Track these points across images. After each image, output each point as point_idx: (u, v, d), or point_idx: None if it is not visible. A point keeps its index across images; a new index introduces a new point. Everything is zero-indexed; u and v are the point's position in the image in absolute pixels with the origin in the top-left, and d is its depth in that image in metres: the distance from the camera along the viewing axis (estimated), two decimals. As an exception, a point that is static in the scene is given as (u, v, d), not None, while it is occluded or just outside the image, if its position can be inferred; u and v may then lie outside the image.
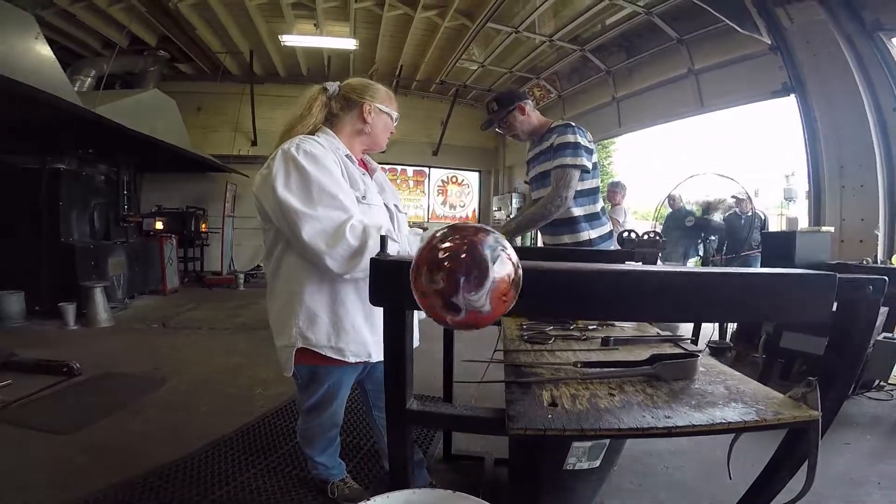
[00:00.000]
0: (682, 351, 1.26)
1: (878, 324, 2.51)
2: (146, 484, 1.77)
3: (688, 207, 5.15)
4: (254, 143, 8.01)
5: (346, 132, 1.36)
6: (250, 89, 7.52)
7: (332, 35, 6.13)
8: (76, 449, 2.05)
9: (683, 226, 4.25)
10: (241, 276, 7.28)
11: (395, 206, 1.45)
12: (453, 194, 9.90)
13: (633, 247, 1.96)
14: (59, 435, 2.18)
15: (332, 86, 1.36)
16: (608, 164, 12.13)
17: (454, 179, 9.84)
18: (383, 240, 0.77)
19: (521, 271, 0.58)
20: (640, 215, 6.23)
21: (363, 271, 1.05)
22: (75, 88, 5.08)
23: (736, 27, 4.05)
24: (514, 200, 8.71)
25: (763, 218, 5.58)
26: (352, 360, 1.23)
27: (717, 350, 3.55)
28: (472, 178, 9.99)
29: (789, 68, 3.99)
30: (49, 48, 3.76)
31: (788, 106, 4.20)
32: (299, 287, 1.20)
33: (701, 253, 3.92)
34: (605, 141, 9.72)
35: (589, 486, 1.40)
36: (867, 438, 2.21)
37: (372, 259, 0.72)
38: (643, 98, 6.10)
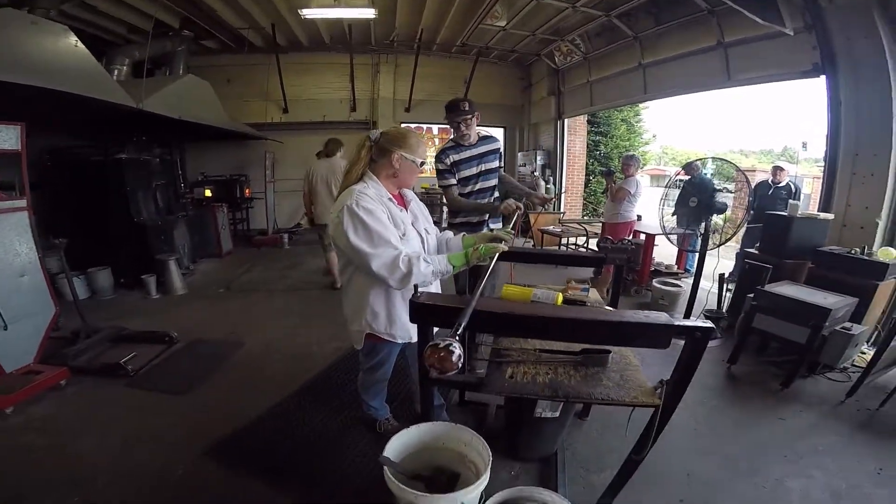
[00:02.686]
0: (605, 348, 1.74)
1: (841, 314, 2.85)
2: (248, 432, 2.43)
3: (707, 175, 5.15)
4: (285, 111, 8.32)
5: (382, 175, 1.82)
6: (276, 60, 7.71)
7: (351, 6, 6.12)
8: (191, 407, 2.70)
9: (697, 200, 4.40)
10: (286, 236, 7.89)
11: (426, 229, 1.96)
12: (478, 150, 10.04)
13: (606, 252, 2.30)
14: (178, 395, 2.83)
15: (375, 134, 1.83)
16: (637, 123, 11.75)
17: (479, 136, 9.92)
18: (416, 288, 1.44)
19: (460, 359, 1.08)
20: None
21: (409, 286, 1.63)
22: (113, 77, 5.48)
23: (757, 19, 3.97)
24: (538, 157, 8.81)
25: (794, 189, 5.56)
26: (399, 341, 1.89)
27: (712, 319, 3.95)
28: (498, 134, 10.02)
29: (823, 49, 3.88)
30: (89, 52, 4.07)
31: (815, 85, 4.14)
32: (366, 293, 1.81)
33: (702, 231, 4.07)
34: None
35: (552, 429, 2.09)
36: (801, 415, 2.60)
37: (411, 301, 1.37)
38: (670, 66, 5.94)
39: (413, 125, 9.33)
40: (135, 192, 5.35)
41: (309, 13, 6.11)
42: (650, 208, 4.99)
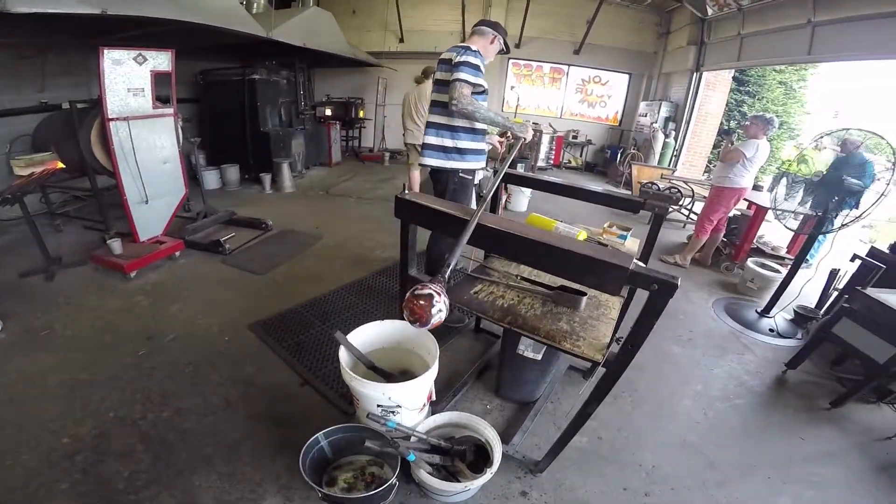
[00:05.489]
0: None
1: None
2: (301, 309, 2.97)
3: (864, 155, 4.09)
4: (401, 41, 8.53)
5: None
6: None
7: None
8: (264, 285, 3.33)
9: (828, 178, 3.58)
10: (387, 154, 8.58)
11: None
12: (594, 94, 9.13)
13: (646, 197, 2.05)
14: (257, 275, 3.48)
15: None
16: (800, 89, 9.29)
17: (597, 79, 8.97)
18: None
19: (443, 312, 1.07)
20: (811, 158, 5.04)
21: None
22: (254, 11, 6.14)
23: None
24: (663, 108, 7.74)
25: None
26: None
27: (802, 316, 3.38)
28: (620, 80, 8.95)
29: None
30: None
31: None
32: None
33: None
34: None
35: (534, 374, 2.07)
36: (827, 440, 2.20)
37: (396, 196, 1.48)
38: (850, 27, 4.64)
39: (522, 62, 8.84)
40: (263, 106, 6.27)
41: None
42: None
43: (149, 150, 3.56)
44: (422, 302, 0.95)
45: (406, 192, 1.55)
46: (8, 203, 3.15)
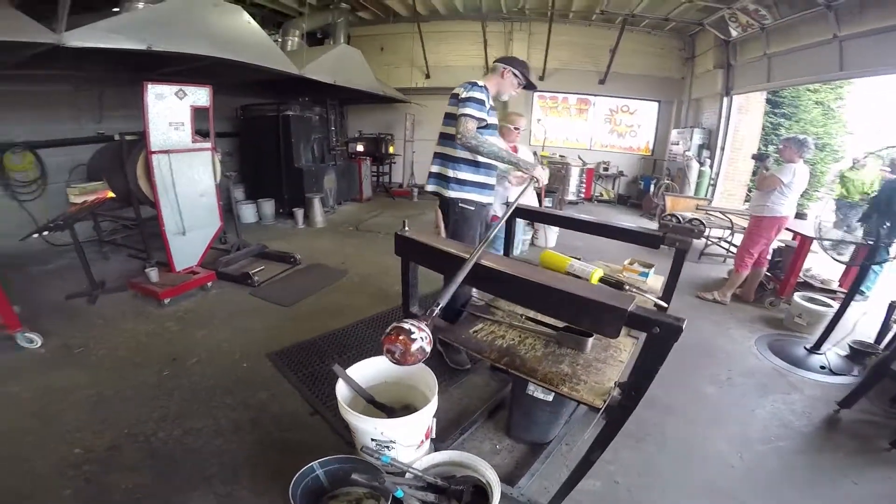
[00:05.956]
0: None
1: None
2: (319, 340, 2.99)
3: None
4: (427, 76, 8.83)
5: None
6: (418, 28, 8.27)
7: None
8: (288, 317, 3.39)
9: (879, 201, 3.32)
10: (416, 190, 8.68)
11: None
12: (623, 124, 9.06)
13: (665, 231, 1.93)
14: (282, 306, 3.56)
15: None
16: (838, 108, 8.84)
17: (624, 108, 8.92)
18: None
19: (426, 346, 0.95)
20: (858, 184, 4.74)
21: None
22: (288, 48, 6.61)
23: None
24: (695, 135, 7.55)
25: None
26: None
27: (858, 352, 3.08)
28: (649, 108, 8.86)
29: None
30: (259, 27, 4.93)
31: None
32: None
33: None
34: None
35: (545, 415, 1.97)
36: (882, 483, 1.95)
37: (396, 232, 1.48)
38: (879, 39, 4.50)
39: (547, 94, 8.94)
40: (297, 142, 6.58)
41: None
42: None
43: (187, 183, 3.76)
44: (401, 337, 0.90)
45: (406, 228, 1.54)
46: (60, 229, 3.41)
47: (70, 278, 3.79)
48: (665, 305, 1.75)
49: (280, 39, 6.69)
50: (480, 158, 2.39)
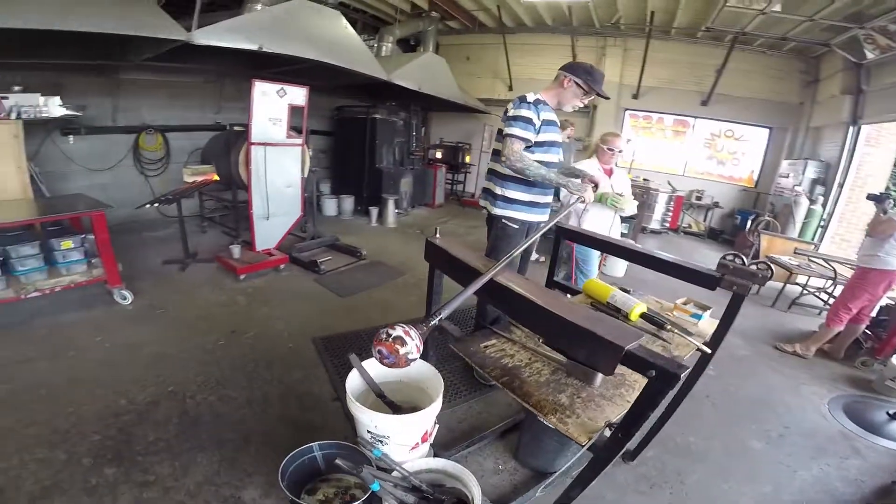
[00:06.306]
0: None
1: None
2: (362, 333, 3.15)
3: None
4: (510, 88, 8.78)
5: None
6: (503, 39, 8.25)
7: None
8: (341, 306, 3.62)
9: None
10: (483, 200, 8.77)
11: None
12: (725, 150, 8.24)
13: (724, 272, 1.72)
14: (339, 296, 3.81)
15: None
16: None
17: (729, 133, 8.11)
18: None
19: (415, 350, 0.96)
20: None
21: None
22: (383, 53, 7.04)
23: None
24: (809, 168, 6.63)
25: None
26: None
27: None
28: (758, 134, 7.96)
29: None
30: (355, 32, 5.33)
31: None
32: None
33: None
34: None
35: (552, 444, 1.93)
36: None
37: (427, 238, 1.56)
38: None
39: (640, 113, 8.43)
40: (381, 144, 7.02)
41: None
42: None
43: (277, 174, 4.19)
44: (388, 342, 0.92)
45: (437, 235, 1.59)
46: (168, 203, 4.01)
47: (172, 246, 4.42)
48: (708, 351, 1.62)
49: (376, 45, 7.15)
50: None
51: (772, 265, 1.67)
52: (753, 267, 1.60)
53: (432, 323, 1.02)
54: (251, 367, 2.61)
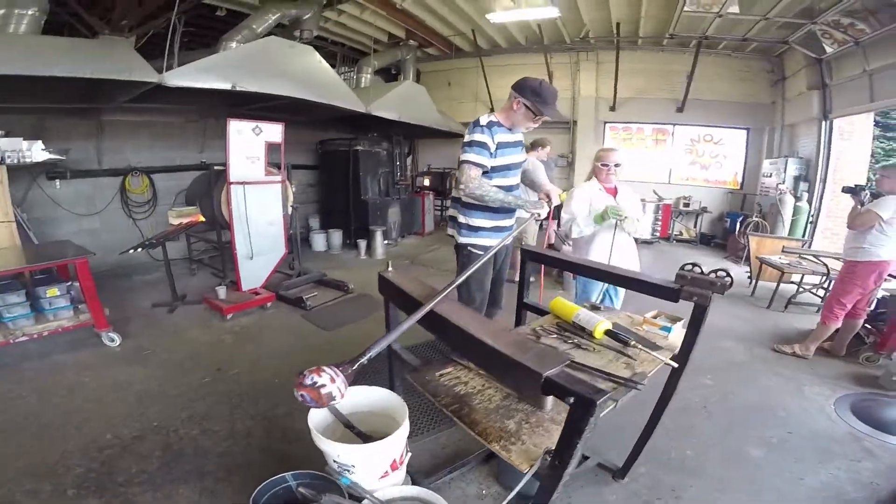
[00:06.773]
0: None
1: None
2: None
3: None
4: (491, 110, 8.88)
5: None
6: (480, 62, 8.44)
7: (532, 6, 6.07)
8: (327, 340, 3.58)
9: None
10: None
11: None
12: (706, 154, 8.36)
13: (682, 283, 1.66)
14: (324, 331, 3.77)
15: None
16: None
17: (707, 138, 8.24)
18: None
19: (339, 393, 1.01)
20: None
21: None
22: (362, 84, 7.21)
23: None
24: (790, 166, 6.71)
25: None
26: None
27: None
28: (736, 136, 8.11)
29: None
30: (330, 66, 5.48)
31: None
32: None
33: None
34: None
35: None
36: None
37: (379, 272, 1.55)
38: None
39: (619, 125, 8.59)
40: (365, 175, 7.08)
41: (495, 17, 6.45)
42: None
43: (259, 212, 4.21)
44: (310, 387, 0.96)
45: (389, 269, 1.59)
46: (153, 247, 4.01)
47: (161, 289, 4.41)
48: (674, 365, 1.57)
49: (355, 77, 7.34)
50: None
51: (782, 266, 1.65)
52: (712, 275, 1.54)
53: (357, 364, 1.06)
54: (236, 402, 2.59)
